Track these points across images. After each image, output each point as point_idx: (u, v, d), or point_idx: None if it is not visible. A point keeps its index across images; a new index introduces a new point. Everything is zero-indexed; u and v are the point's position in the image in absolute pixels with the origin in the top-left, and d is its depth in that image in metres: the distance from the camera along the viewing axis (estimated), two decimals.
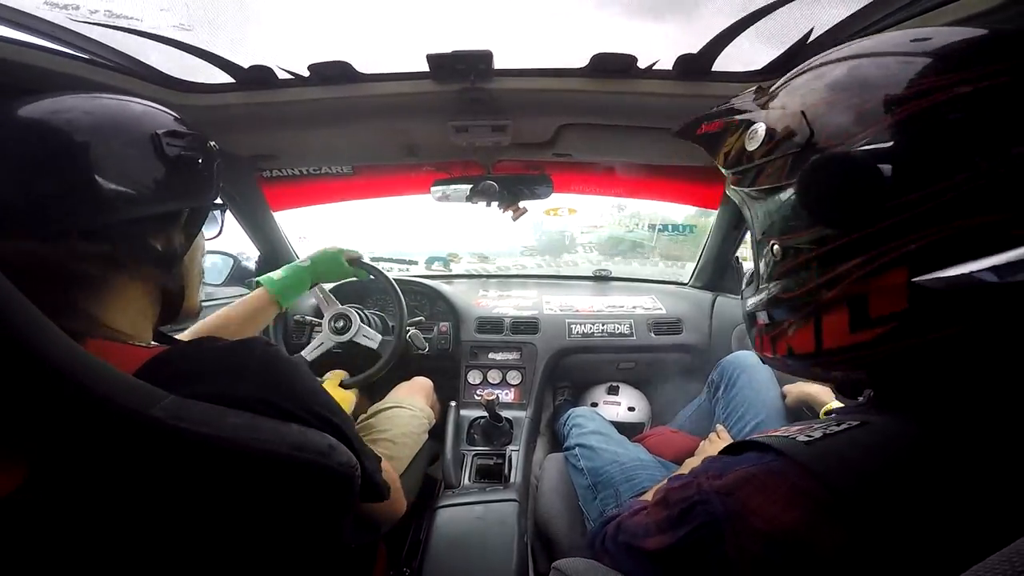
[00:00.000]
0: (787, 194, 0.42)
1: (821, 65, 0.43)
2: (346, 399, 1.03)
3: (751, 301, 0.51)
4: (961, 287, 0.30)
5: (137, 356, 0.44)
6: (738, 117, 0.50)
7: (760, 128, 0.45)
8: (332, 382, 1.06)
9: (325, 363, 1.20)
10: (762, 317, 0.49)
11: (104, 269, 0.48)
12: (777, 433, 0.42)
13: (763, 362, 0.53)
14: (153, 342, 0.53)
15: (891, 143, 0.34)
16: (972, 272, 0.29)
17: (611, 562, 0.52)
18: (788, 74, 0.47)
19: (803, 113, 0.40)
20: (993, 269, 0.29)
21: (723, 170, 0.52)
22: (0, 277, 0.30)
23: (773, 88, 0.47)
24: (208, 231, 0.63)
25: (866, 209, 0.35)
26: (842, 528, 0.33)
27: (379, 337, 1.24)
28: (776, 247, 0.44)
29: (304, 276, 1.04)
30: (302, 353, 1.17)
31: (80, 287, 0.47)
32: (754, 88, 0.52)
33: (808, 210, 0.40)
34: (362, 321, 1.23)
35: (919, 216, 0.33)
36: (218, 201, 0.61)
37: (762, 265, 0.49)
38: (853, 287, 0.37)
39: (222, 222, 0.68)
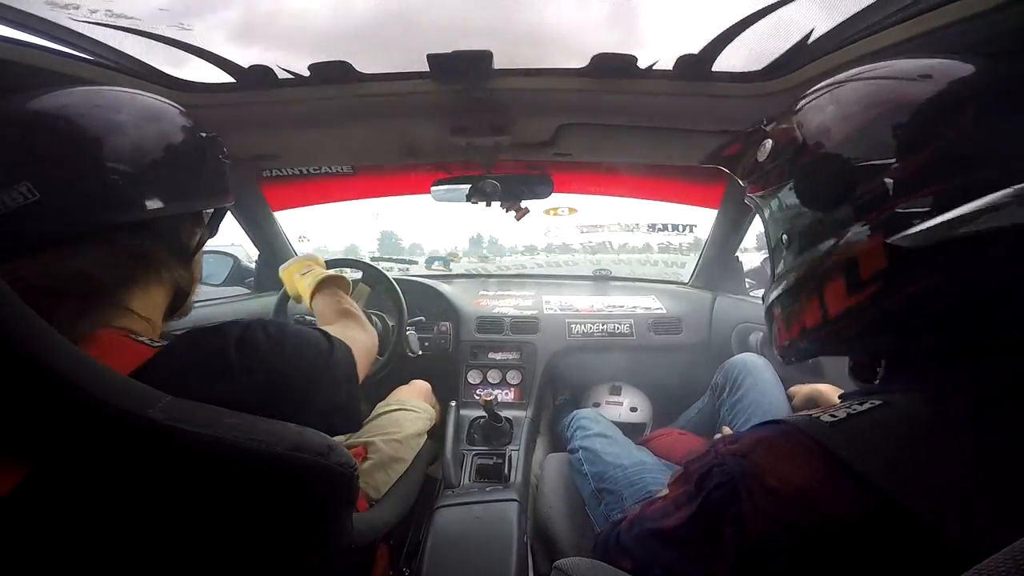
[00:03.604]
0: (787, 190, 0.52)
1: (822, 89, 0.52)
2: (295, 268, 1.00)
3: (772, 295, 0.57)
4: (925, 243, 0.37)
5: (143, 353, 0.44)
6: (752, 139, 0.61)
7: (768, 143, 0.56)
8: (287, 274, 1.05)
9: None
10: (778, 307, 0.56)
11: (147, 263, 0.52)
12: (801, 414, 0.43)
13: (783, 358, 0.57)
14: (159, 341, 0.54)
15: (856, 142, 0.44)
16: (927, 227, 0.36)
17: (630, 560, 0.53)
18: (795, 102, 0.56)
19: (796, 127, 0.51)
20: (947, 223, 0.35)
21: (742, 182, 0.63)
22: (2, 285, 0.30)
23: (783, 114, 0.57)
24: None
25: (847, 190, 0.44)
26: (854, 495, 0.35)
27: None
28: (784, 237, 0.53)
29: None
30: None
31: (124, 283, 0.50)
32: (766, 120, 0.62)
33: (804, 199, 0.48)
34: None
35: (883, 194, 0.41)
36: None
37: (777, 260, 0.56)
38: (843, 254, 0.44)
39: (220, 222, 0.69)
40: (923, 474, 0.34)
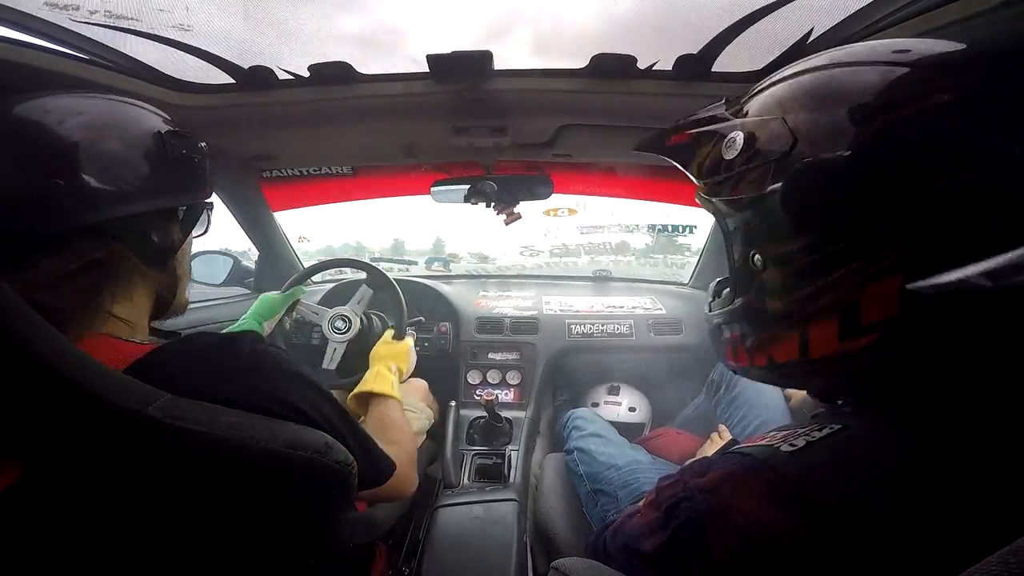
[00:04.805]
0: (768, 203, 0.40)
1: (799, 73, 0.42)
2: (402, 351, 1.05)
3: (726, 313, 0.50)
4: (953, 293, 0.30)
5: (131, 352, 0.44)
6: (710, 127, 0.48)
7: (738, 137, 0.43)
8: (386, 340, 1.08)
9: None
10: (737, 329, 0.48)
11: (114, 269, 0.50)
12: (763, 442, 0.42)
13: (731, 371, 0.53)
14: (148, 338, 0.54)
15: (878, 150, 0.34)
16: (967, 277, 0.29)
17: (616, 566, 0.53)
18: (761, 83, 0.46)
19: (784, 120, 0.39)
20: (987, 274, 0.28)
21: (696, 181, 0.52)
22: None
23: (746, 98, 0.47)
24: (196, 229, 0.64)
25: (858, 216, 0.35)
26: (814, 528, 0.35)
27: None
28: (757, 258, 0.43)
29: (255, 326, 1.07)
30: (323, 366, 1.16)
31: (93, 291, 0.48)
32: (723, 101, 0.51)
33: (792, 218, 0.39)
34: (362, 321, 1.23)
35: (912, 221, 0.32)
36: (208, 200, 0.64)
37: (741, 278, 0.47)
38: (845, 295, 0.36)
39: (208, 221, 0.68)
40: (879, 498, 0.34)
